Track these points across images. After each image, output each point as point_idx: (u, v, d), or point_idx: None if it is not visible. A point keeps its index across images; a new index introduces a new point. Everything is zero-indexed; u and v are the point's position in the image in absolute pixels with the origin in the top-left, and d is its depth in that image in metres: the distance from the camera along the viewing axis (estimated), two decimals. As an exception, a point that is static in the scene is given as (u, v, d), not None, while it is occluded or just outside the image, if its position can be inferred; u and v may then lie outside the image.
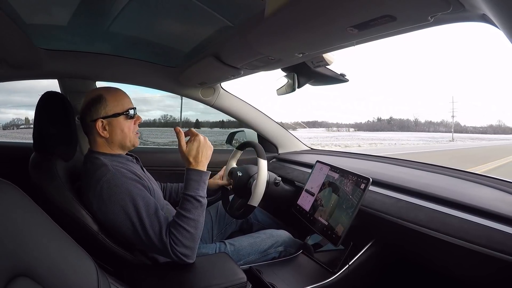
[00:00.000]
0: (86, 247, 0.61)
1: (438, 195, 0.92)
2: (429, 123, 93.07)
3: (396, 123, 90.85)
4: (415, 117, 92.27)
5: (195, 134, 0.97)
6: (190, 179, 0.92)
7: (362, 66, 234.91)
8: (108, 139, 0.99)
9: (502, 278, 0.72)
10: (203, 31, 1.14)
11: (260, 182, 1.17)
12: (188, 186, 0.91)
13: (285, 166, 1.68)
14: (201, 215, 0.90)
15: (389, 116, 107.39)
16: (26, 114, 32.83)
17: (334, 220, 1.05)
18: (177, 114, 51.19)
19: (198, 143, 0.94)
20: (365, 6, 0.58)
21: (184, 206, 0.89)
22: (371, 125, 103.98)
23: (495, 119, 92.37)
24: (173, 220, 0.87)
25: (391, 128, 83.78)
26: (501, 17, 0.45)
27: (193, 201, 0.89)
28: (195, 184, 0.91)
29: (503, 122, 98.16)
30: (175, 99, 52.25)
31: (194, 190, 0.90)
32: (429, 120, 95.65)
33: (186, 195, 0.90)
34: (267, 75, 1.32)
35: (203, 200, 0.91)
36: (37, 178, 0.92)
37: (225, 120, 15.73)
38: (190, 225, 0.87)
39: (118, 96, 1.01)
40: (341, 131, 76.14)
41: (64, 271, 0.52)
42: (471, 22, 0.61)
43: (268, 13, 0.72)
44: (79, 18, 1.08)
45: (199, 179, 0.92)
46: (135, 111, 1.04)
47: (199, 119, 37.00)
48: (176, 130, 0.96)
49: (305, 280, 1.02)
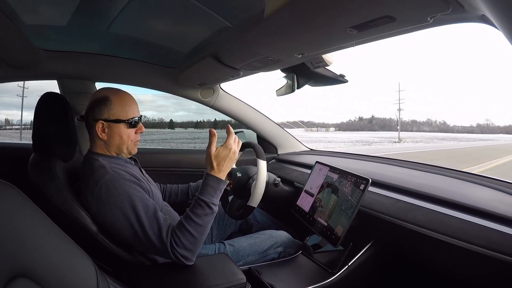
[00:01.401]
0: (85, 248, 0.61)
1: (437, 196, 0.92)
2: (413, 122, 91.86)
3: (378, 123, 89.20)
4: (396, 116, 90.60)
5: (230, 143, 0.95)
6: (208, 185, 0.91)
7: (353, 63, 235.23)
8: (105, 141, 0.98)
9: (501, 279, 0.72)
10: (203, 31, 1.14)
11: (260, 183, 1.17)
12: (204, 191, 0.90)
13: (284, 167, 1.68)
14: (210, 222, 0.89)
15: (371, 115, 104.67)
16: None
17: (333, 221, 1.05)
18: (168, 114, 51.05)
19: (228, 151, 0.94)
20: (364, 7, 0.58)
21: (195, 210, 0.88)
22: (351, 125, 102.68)
23: (483, 118, 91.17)
24: (180, 221, 0.87)
25: (372, 127, 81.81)
26: (500, 18, 0.46)
27: (205, 208, 0.88)
28: (211, 190, 0.90)
29: (491, 121, 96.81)
30: (167, 99, 52.17)
31: (209, 197, 0.89)
32: (413, 119, 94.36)
33: (200, 200, 0.89)
34: (266, 75, 1.32)
35: (215, 208, 0.90)
36: (36, 179, 0.92)
37: (218, 119, 15.75)
38: (197, 230, 0.86)
39: (125, 102, 0.99)
40: (320, 131, 73.09)
41: (64, 272, 0.51)
42: (471, 22, 0.61)
43: (268, 14, 0.72)
44: (78, 18, 1.08)
45: (217, 187, 0.91)
46: (140, 120, 1.02)
47: (192, 120, 36.79)
48: (211, 132, 0.95)
49: (305, 280, 1.02)
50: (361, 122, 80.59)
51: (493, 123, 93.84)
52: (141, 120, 1.04)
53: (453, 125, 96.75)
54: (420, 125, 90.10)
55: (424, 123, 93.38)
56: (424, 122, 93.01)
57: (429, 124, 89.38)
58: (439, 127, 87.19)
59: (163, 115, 53.81)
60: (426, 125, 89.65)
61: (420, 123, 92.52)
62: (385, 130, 72.64)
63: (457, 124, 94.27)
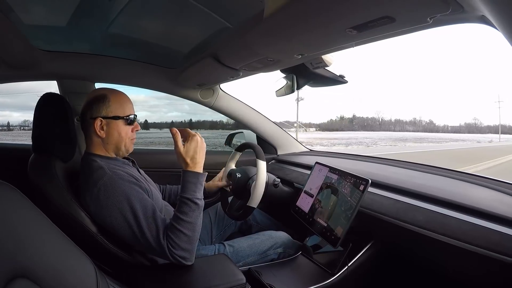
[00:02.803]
0: (85, 248, 0.61)
1: (436, 196, 0.92)
2: (397, 121, 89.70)
3: (359, 122, 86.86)
4: (378, 115, 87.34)
5: (192, 134, 0.95)
6: (187, 181, 0.91)
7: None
8: (104, 139, 0.98)
9: (500, 279, 0.72)
10: (202, 32, 1.15)
11: (259, 184, 1.17)
12: (185, 188, 0.90)
13: (284, 168, 1.68)
14: (199, 217, 0.90)
15: (352, 114, 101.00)
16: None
17: (333, 222, 1.05)
18: (162, 115, 50.61)
19: (195, 143, 0.93)
20: (364, 7, 0.58)
21: (181, 209, 0.88)
22: (331, 124, 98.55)
23: (471, 117, 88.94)
24: (170, 223, 0.87)
25: (352, 127, 79.10)
26: (500, 19, 0.46)
27: (190, 204, 0.88)
28: (192, 186, 0.91)
29: (479, 120, 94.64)
30: (160, 99, 51.86)
31: (191, 193, 0.90)
32: (398, 119, 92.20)
33: (183, 198, 0.89)
34: (265, 76, 1.32)
35: (200, 202, 0.91)
36: (36, 179, 0.92)
37: (213, 120, 15.74)
38: (188, 228, 0.86)
39: (122, 100, 1.00)
40: (299, 131, 71.16)
41: (63, 272, 0.51)
42: (470, 23, 0.61)
43: (267, 14, 0.72)
44: (78, 19, 1.09)
45: (196, 181, 0.92)
46: (136, 118, 1.03)
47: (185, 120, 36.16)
48: (172, 131, 0.94)
49: (304, 281, 1.02)
50: (342, 122, 78.57)
51: (481, 123, 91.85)
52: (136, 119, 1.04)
53: (443, 125, 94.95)
54: (404, 125, 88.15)
55: (409, 122, 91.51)
56: (410, 121, 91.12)
57: (414, 123, 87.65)
58: (424, 126, 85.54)
59: (156, 115, 53.37)
60: (411, 124, 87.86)
61: (405, 122, 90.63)
62: (366, 130, 70.09)
63: (447, 124, 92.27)
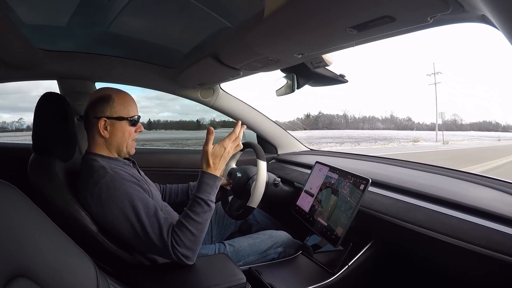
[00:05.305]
0: (85, 248, 0.61)
1: (437, 196, 0.92)
2: (364, 118, 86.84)
3: (324, 120, 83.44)
4: (344, 112, 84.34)
5: (229, 139, 0.96)
6: (204, 182, 0.91)
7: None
8: (107, 140, 0.99)
9: (502, 279, 0.72)
10: (202, 31, 1.14)
11: (259, 183, 1.17)
12: (201, 189, 0.90)
13: (284, 167, 1.68)
14: (208, 219, 0.90)
15: (318, 112, 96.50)
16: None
17: (333, 221, 1.05)
18: (153, 115, 50.34)
19: (223, 149, 0.94)
20: (364, 7, 0.58)
21: (194, 208, 0.88)
22: (294, 123, 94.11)
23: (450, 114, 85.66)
24: (179, 221, 0.87)
25: (317, 126, 76.42)
26: (500, 18, 0.46)
27: (203, 205, 0.89)
28: (208, 188, 0.91)
29: (459, 116, 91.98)
30: (150, 100, 51.63)
31: (206, 194, 0.90)
32: (371, 116, 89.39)
33: (197, 198, 0.89)
34: (265, 76, 1.32)
35: (213, 205, 0.91)
36: (36, 179, 0.92)
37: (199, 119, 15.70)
38: (196, 228, 0.86)
39: (126, 101, 1.00)
40: None
41: (63, 272, 0.51)
42: (471, 23, 0.61)
43: (267, 14, 0.72)
44: (78, 18, 1.08)
45: (213, 184, 0.92)
46: (139, 119, 1.04)
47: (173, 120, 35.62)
48: (209, 130, 0.95)
49: (305, 281, 1.02)
50: (307, 120, 75.65)
51: (461, 119, 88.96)
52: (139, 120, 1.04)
53: (422, 122, 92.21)
54: (375, 122, 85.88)
55: (382, 119, 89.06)
56: (383, 119, 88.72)
57: (385, 121, 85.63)
58: (398, 124, 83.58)
59: (147, 116, 53.17)
60: (382, 121, 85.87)
61: (377, 119, 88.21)
62: (331, 129, 67.77)
63: (423, 121, 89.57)
